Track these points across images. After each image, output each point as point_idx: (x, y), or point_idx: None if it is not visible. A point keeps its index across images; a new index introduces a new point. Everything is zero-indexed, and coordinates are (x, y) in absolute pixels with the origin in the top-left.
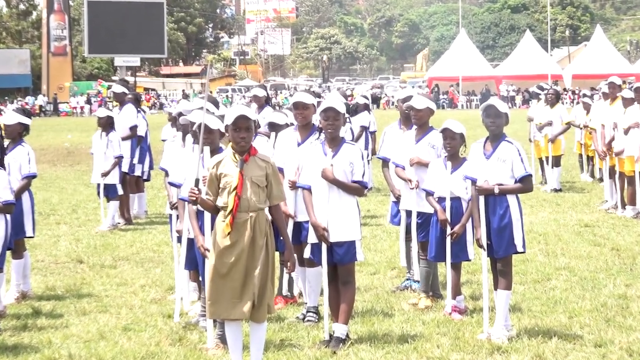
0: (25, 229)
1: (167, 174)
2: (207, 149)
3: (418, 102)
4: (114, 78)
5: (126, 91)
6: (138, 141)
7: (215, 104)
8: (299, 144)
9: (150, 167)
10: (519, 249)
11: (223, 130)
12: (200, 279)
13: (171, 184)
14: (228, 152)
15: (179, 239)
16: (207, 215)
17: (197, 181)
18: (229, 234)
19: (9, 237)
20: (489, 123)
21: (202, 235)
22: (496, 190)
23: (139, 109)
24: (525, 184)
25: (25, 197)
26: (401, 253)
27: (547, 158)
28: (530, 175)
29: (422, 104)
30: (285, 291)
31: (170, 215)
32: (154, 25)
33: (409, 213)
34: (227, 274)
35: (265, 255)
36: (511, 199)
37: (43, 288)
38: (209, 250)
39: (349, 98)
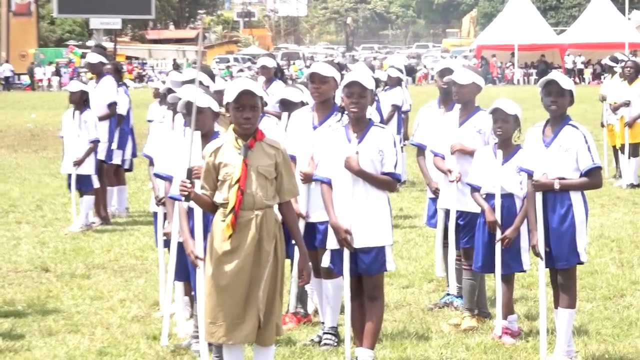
0: None
1: (152, 163)
2: (197, 133)
3: (461, 76)
4: (89, 44)
5: (104, 60)
6: (118, 122)
7: (210, 75)
8: (314, 127)
9: (133, 155)
10: (582, 258)
11: (216, 109)
12: (193, 292)
13: (157, 175)
14: (229, 136)
15: (167, 243)
16: (199, 214)
17: (189, 172)
18: (230, 236)
19: None
20: (549, 103)
21: (192, 240)
22: (557, 186)
23: (120, 82)
24: (592, 178)
25: None
26: (437, 261)
27: (622, 146)
28: (600, 168)
29: (466, 78)
30: (295, 307)
31: (156, 213)
32: None
33: (448, 212)
34: (227, 287)
35: (273, 263)
36: (575, 196)
37: (0, 302)
38: (200, 259)
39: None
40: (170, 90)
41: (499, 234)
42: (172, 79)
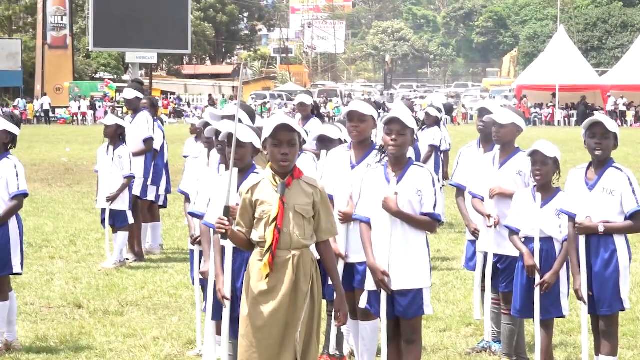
0: (12, 263)
1: (187, 199)
2: (235, 169)
3: (501, 116)
4: (125, 78)
5: (140, 95)
6: (153, 157)
7: (251, 115)
8: (352, 166)
9: (167, 191)
10: (625, 305)
11: (257, 145)
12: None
13: (192, 214)
14: (266, 173)
15: (202, 282)
16: (229, 252)
17: (226, 209)
18: (267, 276)
19: None
20: (593, 145)
21: (222, 276)
22: (601, 229)
23: (155, 117)
24: (637, 221)
25: (12, 223)
26: (475, 305)
27: None
28: None
29: (505, 119)
30: (333, 349)
31: (192, 251)
32: (176, 14)
33: (487, 255)
34: (262, 327)
35: (310, 304)
36: (619, 240)
37: (32, 338)
38: (227, 299)
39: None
40: (207, 125)
41: (537, 279)
42: (211, 112)
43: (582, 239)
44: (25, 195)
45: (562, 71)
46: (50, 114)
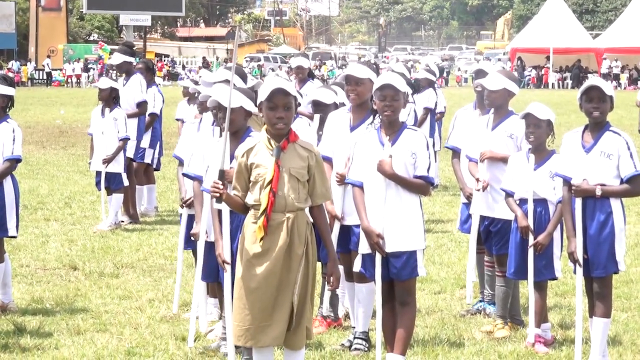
0: (8, 226)
1: (181, 164)
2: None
3: (491, 82)
4: (120, 40)
5: (128, 59)
6: (150, 121)
7: (243, 76)
8: (352, 129)
9: (160, 154)
10: (620, 267)
11: (248, 107)
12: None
13: (186, 175)
14: (261, 137)
15: (190, 245)
16: (226, 217)
17: (221, 173)
18: (261, 239)
19: None
20: (591, 109)
21: (222, 240)
22: (598, 192)
23: (152, 80)
24: (634, 185)
25: (7, 185)
26: (469, 267)
27: None
28: None
29: (496, 84)
30: (327, 311)
31: (182, 215)
32: None
33: (483, 218)
34: (256, 289)
35: (304, 266)
36: (615, 203)
37: (28, 300)
38: (227, 263)
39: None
40: (198, 93)
41: (531, 240)
42: (204, 79)
43: (578, 202)
44: (19, 160)
45: (556, 34)
46: (44, 76)
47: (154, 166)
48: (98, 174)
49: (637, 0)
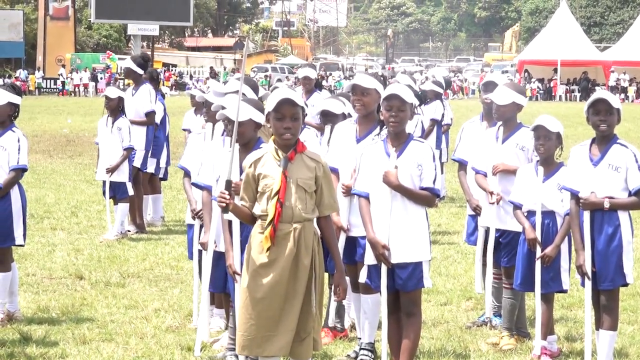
0: (15, 235)
1: (187, 175)
2: (237, 145)
3: (500, 96)
4: (127, 49)
5: (136, 69)
6: (154, 130)
7: (254, 88)
8: (358, 140)
9: (167, 163)
10: (628, 279)
11: (258, 119)
12: (231, 304)
13: (195, 185)
14: (269, 147)
15: (201, 255)
16: (237, 227)
17: (228, 183)
18: (268, 249)
19: None
20: (598, 122)
21: (232, 251)
22: (606, 205)
23: (156, 90)
24: None
25: (14, 194)
26: (477, 279)
27: None
28: None
29: (505, 99)
30: (333, 322)
31: (190, 225)
32: None
33: (489, 230)
34: (262, 300)
35: (311, 277)
36: (623, 216)
37: (34, 309)
38: (238, 274)
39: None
40: (207, 100)
41: (539, 252)
42: (214, 89)
43: (586, 215)
44: (24, 169)
45: (563, 46)
46: (52, 85)
47: (161, 176)
48: (104, 183)
49: None
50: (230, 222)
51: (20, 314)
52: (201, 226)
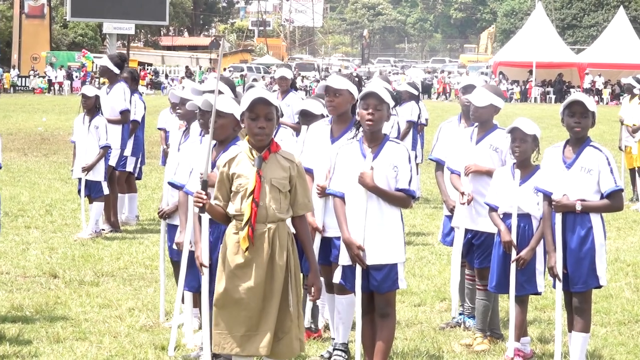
0: None
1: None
2: (212, 142)
3: (479, 98)
4: (103, 48)
5: (112, 68)
6: (133, 129)
7: (232, 87)
8: (332, 141)
9: (142, 163)
10: (602, 282)
11: (238, 116)
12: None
13: (172, 184)
14: (243, 147)
15: (174, 255)
16: (206, 221)
17: (204, 183)
18: (246, 249)
19: None
20: (572, 124)
21: (201, 243)
22: (578, 207)
23: (135, 89)
24: (614, 200)
25: None
26: (452, 280)
27: None
28: (622, 190)
29: (483, 100)
30: (307, 322)
31: (170, 225)
32: None
33: (466, 231)
34: (240, 300)
35: (287, 277)
36: (595, 219)
37: (7, 307)
38: (205, 266)
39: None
40: (182, 99)
41: (514, 255)
42: (192, 87)
43: (558, 217)
44: None
45: (538, 48)
46: (27, 83)
47: (136, 175)
48: (79, 181)
49: (619, 16)
50: (200, 217)
51: None
52: (168, 226)
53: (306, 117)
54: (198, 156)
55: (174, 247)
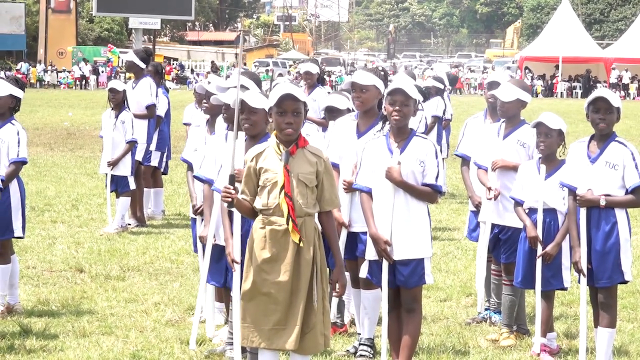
0: (13, 227)
1: (190, 168)
2: (242, 135)
3: (504, 93)
4: (129, 43)
5: (139, 63)
6: (157, 123)
7: (257, 82)
8: (359, 135)
9: (168, 157)
10: (627, 277)
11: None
12: (231, 297)
13: (197, 178)
14: (271, 142)
15: (203, 248)
16: (238, 217)
17: (232, 178)
18: (300, 241)
19: None
20: (597, 120)
21: (232, 240)
22: (602, 202)
23: (159, 83)
24: (639, 196)
25: (13, 187)
26: (478, 276)
27: None
28: None
29: (509, 96)
30: (333, 317)
31: (193, 219)
32: None
33: (492, 226)
34: (268, 294)
35: (313, 272)
36: (620, 214)
37: (34, 301)
38: (237, 262)
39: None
40: (207, 92)
41: (540, 250)
42: (217, 84)
43: (582, 212)
44: (25, 162)
45: (565, 43)
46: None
47: (162, 169)
48: (106, 176)
49: None
50: (230, 212)
51: (20, 307)
52: (202, 221)
53: (332, 113)
54: (225, 154)
55: (198, 240)
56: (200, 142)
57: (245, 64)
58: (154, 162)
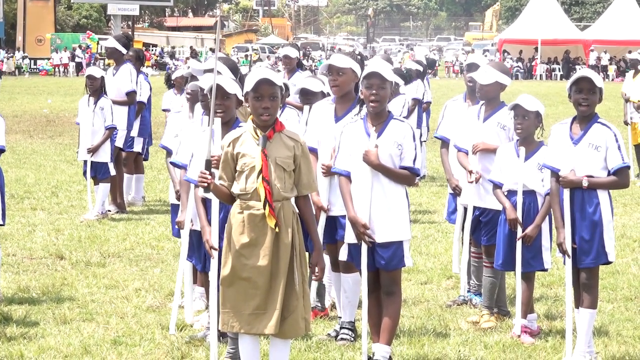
0: None
1: (169, 154)
2: (218, 121)
3: (483, 76)
4: (107, 30)
5: (120, 49)
6: (139, 109)
7: (234, 68)
8: (336, 119)
9: (149, 143)
10: (610, 257)
11: (240, 96)
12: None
13: (173, 164)
14: (248, 127)
15: (177, 234)
16: (215, 204)
17: (208, 163)
18: (276, 226)
19: None
20: (580, 100)
21: (209, 227)
22: (585, 183)
23: (140, 70)
24: (621, 177)
25: None
26: (454, 258)
27: None
28: (628, 167)
29: (487, 78)
30: (313, 301)
31: (173, 205)
32: None
33: (473, 208)
34: (248, 279)
35: (292, 256)
36: (602, 195)
37: (14, 289)
38: (215, 249)
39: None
40: (191, 76)
41: (520, 232)
42: (193, 67)
43: (566, 193)
44: (3, 150)
45: (544, 26)
46: (33, 65)
47: (143, 156)
48: (85, 163)
49: None
50: (205, 199)
51: (1, 294)
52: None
53: (306, 96)
54: (199, 139)
55: (176, 226)
56: (180, 128)
57: (222, 50)
58: (137, 148)
